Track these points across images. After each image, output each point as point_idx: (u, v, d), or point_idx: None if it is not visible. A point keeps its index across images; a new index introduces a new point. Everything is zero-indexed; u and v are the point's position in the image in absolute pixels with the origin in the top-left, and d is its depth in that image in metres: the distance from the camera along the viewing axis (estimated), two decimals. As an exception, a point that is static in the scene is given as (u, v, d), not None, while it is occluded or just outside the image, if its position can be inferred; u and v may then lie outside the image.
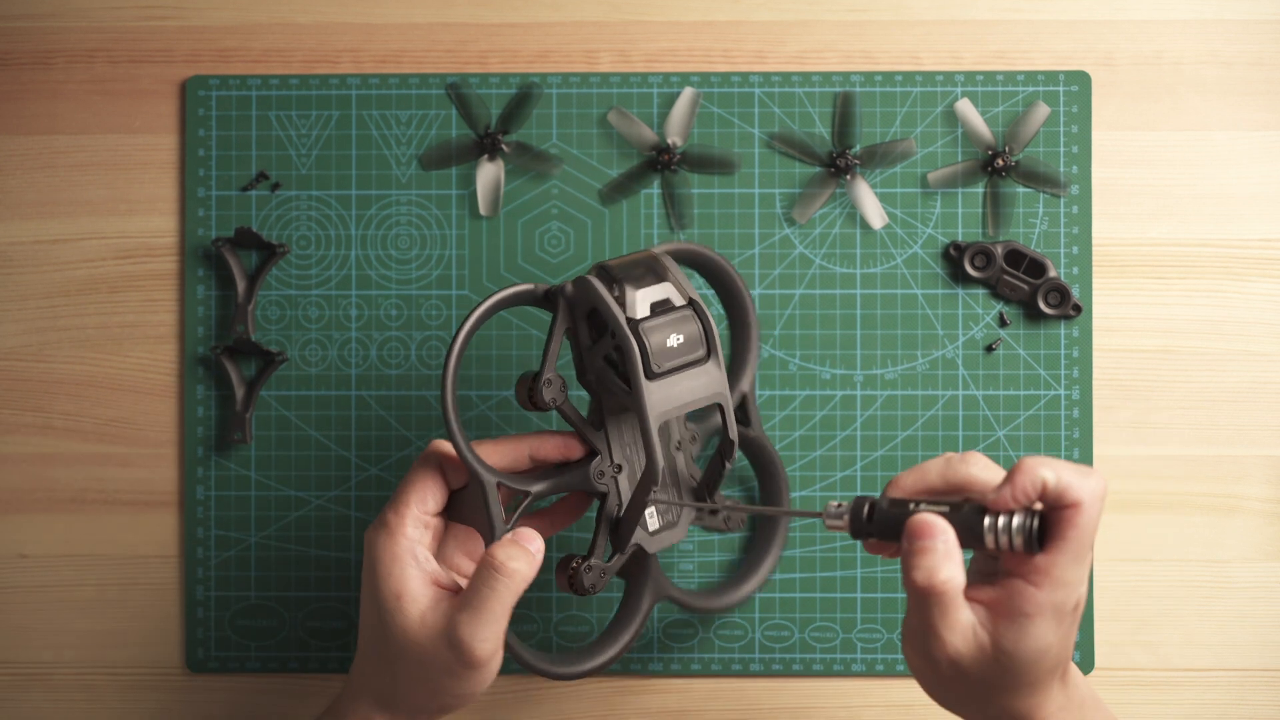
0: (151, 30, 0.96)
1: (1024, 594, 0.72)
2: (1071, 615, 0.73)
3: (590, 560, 0.84)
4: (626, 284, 0.82)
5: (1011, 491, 0.72)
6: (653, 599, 0.87)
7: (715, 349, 0.83)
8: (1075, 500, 0.72)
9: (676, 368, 0.82)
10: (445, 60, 0.95)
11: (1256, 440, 0.94)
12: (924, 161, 0.95)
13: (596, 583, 0.84)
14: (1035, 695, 0.75)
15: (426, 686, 0.80)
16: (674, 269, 0.83)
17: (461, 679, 0.80)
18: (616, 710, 0.95)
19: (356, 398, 0.95)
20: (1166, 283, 0.94)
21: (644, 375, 0.81)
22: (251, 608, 0.95)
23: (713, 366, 0.83)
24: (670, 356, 0.82)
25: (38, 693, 0.95)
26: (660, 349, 0.81)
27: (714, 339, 0.83)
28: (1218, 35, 0.95)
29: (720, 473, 0.86)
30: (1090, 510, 0.72)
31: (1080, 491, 0.72)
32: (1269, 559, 0.94)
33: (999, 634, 0.72)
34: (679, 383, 0.82)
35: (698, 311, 0.83)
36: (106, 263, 0.95)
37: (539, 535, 0.81)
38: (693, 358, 0.82)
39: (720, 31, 0.95)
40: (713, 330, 0.83)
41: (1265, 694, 0.94)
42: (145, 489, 0.95)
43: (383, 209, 0.95)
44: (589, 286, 0.81)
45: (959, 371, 0.94)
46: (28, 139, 0.96)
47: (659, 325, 0.82)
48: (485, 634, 0.79)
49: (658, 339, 0.81)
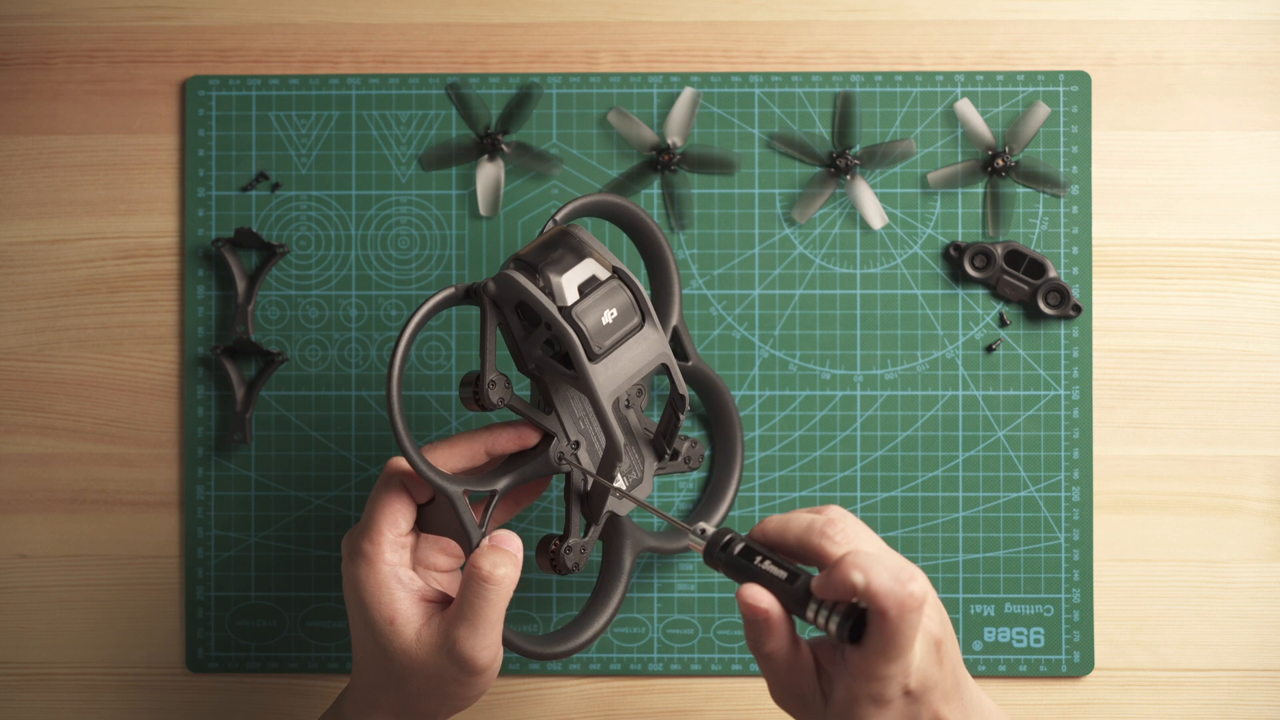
0: (151, 30, 0.96)
1: (842, 680, 0.73)
2: (903, 699, 0.73)
3: (569, 540, 0.84)
4: (549, 270, 0.81)
5: (830, 583, 0.72)
6: (633, 554, 0.87)
7: (648, 312, 0.82)
8: (880, 609, 0.71)
9: (615, 343, 0.81)
10: (445, 60, 0.95)
11: (1256, 440, 0.94)
12: (924, 161, 0.95)
13: (579, 561, 0.84)
14: None
15: (435, 696, 0.81)
16: (589, 240, 0.82)
17: (467, 685, 0.80)
18: (616, 710, 0.95)
19: (356, 398, 0.95)
20: (1166, 283, 0.94)
21: (587, 359, 0.80)
22: (251, 608, 0.95)
23: (649, 330, 0.82)
24: (608, 334, 0.81)
25: (38, 693, 0.95)
26: (597, 329, 0.81)
27: (645, 302, 0.82)
28: (1218, 35, 0.95)
29: (675, 424, 0.86)
30: (893, 620, 0.70)
31: (886, 600, 0.70)
32: (1269, 559, 0.94)
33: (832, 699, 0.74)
34: (621, 356, 0.81)
35: (624, 279, 0.82)
36: (106, 263, 0.95)
37: (516, 536, 0.81)
38: (629, 328, 0.82)
39: (720, 31, 0.95)
40: (642, 294, 0.82)
41: (1265, 694, 0.94)
42: (145, 489, 0.95)
43: (383, 209, 0.95)
44: (512, 282, 0.81)
45: (959, 372, 0.94)
46: (28, 139, 0.96)
47: (590, 306, 0.81)
48: (484, 643, 0.79)
49: (593, 320, 0.81)
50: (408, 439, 0.80)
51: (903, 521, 0.94)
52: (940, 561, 0.94)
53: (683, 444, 0.88)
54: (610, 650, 0.95)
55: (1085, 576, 0.94)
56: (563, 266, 0.81)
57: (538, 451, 0.84)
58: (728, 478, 0.93)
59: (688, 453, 0.89)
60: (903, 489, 0.94)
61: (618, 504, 0.86)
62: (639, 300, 0.82)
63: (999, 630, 0.94)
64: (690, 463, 0.89)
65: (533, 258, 0.81)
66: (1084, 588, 0.94)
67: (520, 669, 0.95)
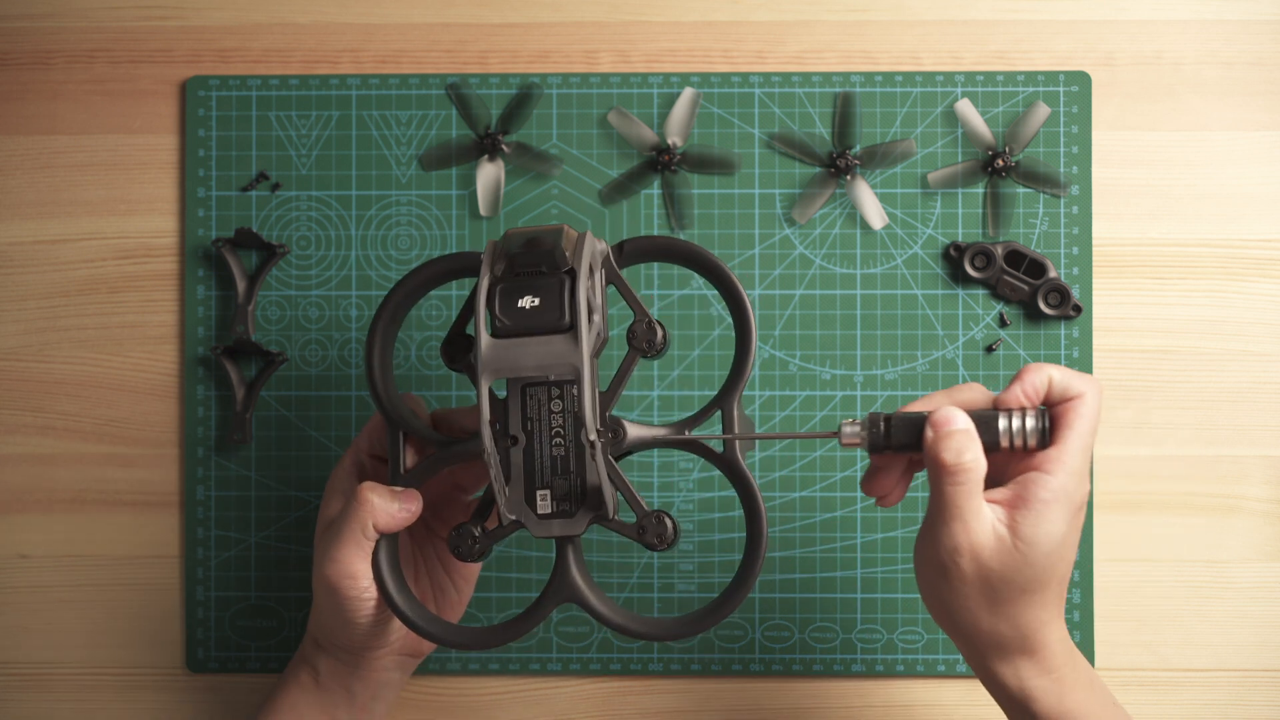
0: (151, 30, 0.96)
1: (1039, 482, 0.76)
2: (1078, 513, 0.77)
3: (463, 525, 0.81)
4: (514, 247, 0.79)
5: (1020, 390, 0.78)
6: (556, 600, 0.81)
7: (577, 322, 0.79)
8: (1079, 392, 0.77)
9: (526, 330, 0.79)
10: (445, 60, 0.95)
11: (1256, 440, 0.94)
12: (924, 162, 0.95)
13: (463, 549, 0.81)
14: (1045, 608, 0.77)
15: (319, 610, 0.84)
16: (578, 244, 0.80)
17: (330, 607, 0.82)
18: (616, 710, 0.95)
19: (356, 398, 0.95)
20: (1166, 283, 0.94)
21: (486, 330, 0.79)
22: (251, 608, 0.95)
23: (569, 340, 0.79)
24: (520, 318, 0.79)
25: (38, 693, 0.95)
26: (509, 308, 0.79)
27: (578, 312, 0.79)
28: (1218, 35, 0.95)
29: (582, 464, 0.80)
30: (1092, 400, 0.77)
31: (1083, 384, 0.78)
32: (1269, 559, 0.94)
33: (1017, 523, 0.76)
34: (527, 346, 0.79)
35: (570, 280, 0.79)
36: (106, 263, 0.95)
37: (419, 498, 0.82)
38: (546, 324, 0.79)
39: (720, 31, 0.95)
40: (578, 301, 0.79)
41: (1265, 694, 0.94)
42: (145, 489, 0.95)
43: (383, 209, 0.95)
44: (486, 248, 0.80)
45: (959, 372, 0.94)
46: (28, 139, 0.96)
47: (515, 287, 0.79)
48: (334, 555, 0.81)
49: (509, 299, 0.79)
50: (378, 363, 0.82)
51: (903, 522, 0.94)
52: (940, 561, 0.94)
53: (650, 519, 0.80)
54: (610, 650, 0.95)
55: (1085, 576, 0.94)
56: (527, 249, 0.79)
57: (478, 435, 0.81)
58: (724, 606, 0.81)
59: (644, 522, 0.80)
60: (903, 489, 0.94)
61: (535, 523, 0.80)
62: (572, 306, 0.79)
63: (999, 630, 0.94)
64: (645, 537, 0.80)
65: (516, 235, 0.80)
66: (1084, 588, 0.94)
67: (520, 669, 0.95)
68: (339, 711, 0.85)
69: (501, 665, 0.95)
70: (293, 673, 0.86)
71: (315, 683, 0.85)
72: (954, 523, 0.76)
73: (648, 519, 0.80)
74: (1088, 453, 0.77)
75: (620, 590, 0.94)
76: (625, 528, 0.80)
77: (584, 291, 0.79)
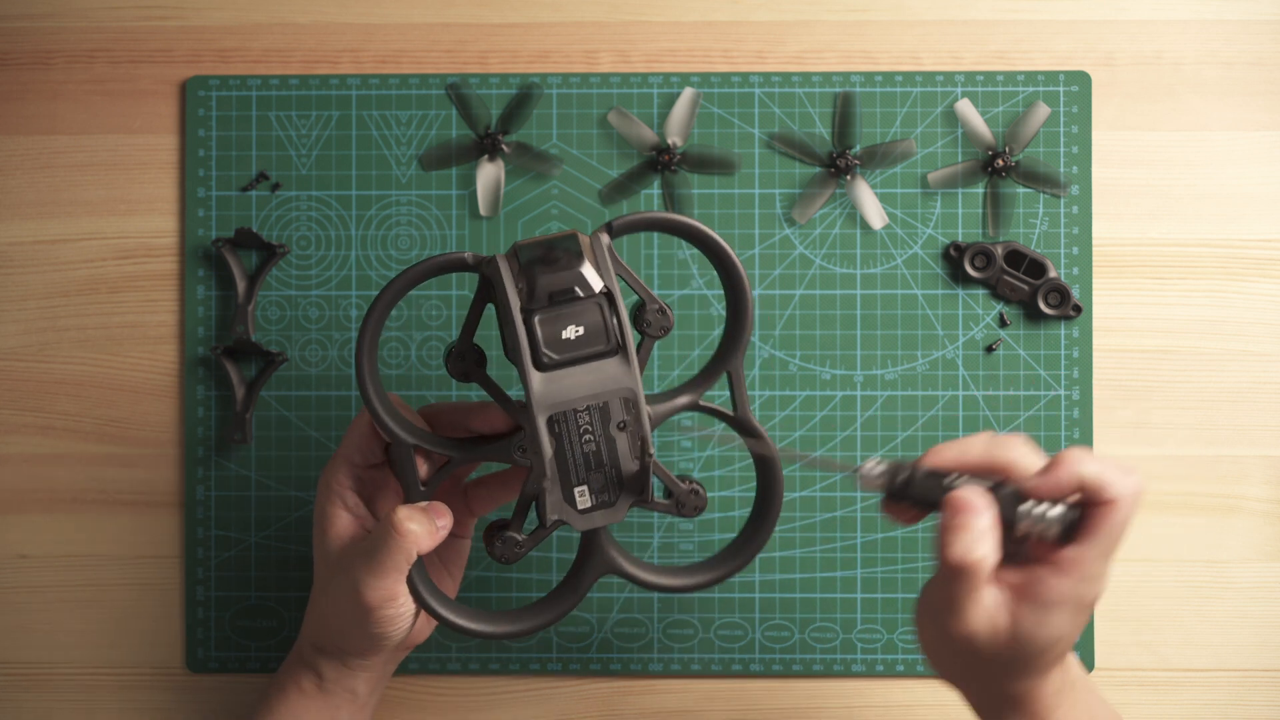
0: (151, 30, 0.96)
1: (1049, 583, 0.73)
2: (1086, 611, 0.74)
3: (507, 531, 0.83)
4: (537, 268, 0.79)
5: (1052, 480, 0.74)
6: (596, 574, 0.84)
7: (624, 344, 0.80)
8: (1112, 498, 0.73)
9: (572, 360, 0.79)
10: (445, 60, 0.95)
11: (1256, 440, 0.94)
12: (924, 162, 0.95)
13: (511, 555, 0.83)
14: (1038, 679, 0.76)
15: (339, 622, 0.82)
16: (597, 254, 0.80)
17: (360, 622, 0.81)
18: (616, 710, 0.95)
19: (356, 398, 0.95)
20: (1166, 283, 0.95)
21: (532, 365, 0.79)
22: (251, 608, 0.95)
23: (619, 362, 0.80)
24: (565, 349, 0.79)
25: (38, 693, 0.95)
26: (554, 340, 0.79)
27: (623, 334, 0.80)
28: (1218, 35, 0.95)
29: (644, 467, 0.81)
30: (1125, 509, 0.73)
31: (1119, 489, 0.73)
32: (1269, 559, 0.94)
33: (1019, 618, 0.73)
34: (574, 375, 0.80)
35: (608, 303, 0.80)
36: (106, 263, 0.95)
37: (449, 512, 0.82)
38: (594, 350, 0.80)
39: (720, 31, 0.95)
40: (624, 323, 0.80)
41: (1265, 694, 0.94)
42: (145, 489, 0.95)
43: (383, 209, 0.95)
44: (495, 269, 0.80)
45: (959, 372, 0.94)
46: (28, 139, 0.96)
47: (555, 316, 0.79)
48: (372, 582, 0.80)
49: (551, 330, 0.79)
50: (371, 384, 0.81)
51: (903, 521, 0.94)
52: (940, 561, 0.94)
53: (684, 485, 0.84)
54: (610, 650, 0.95)
55: (1085, 576, 0.94)
56: (552, 269, 0.79)
57: (504, 438, 0.83)
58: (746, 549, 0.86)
59: (683, 498, 0.84)
60: (903, 489, 0.94)
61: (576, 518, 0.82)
62: (620, 328, 0.80)
63: (999, 630, 0.94)
64: (683, 509, 0.84)
65: (530, 251, 0.80)
66: (1084, 588, 0.94)
67: (520, 669, 0.95)
68: (340, 712, 0.85)
69: (502, 665, 0.95)
70: (290, 677, 0.85)
71: (318, 688, 0.85)
72: (951, 611, 0.74)
73: (685, 495, 0.84)
74: (1109, 558, 0.74)
75: (620, 590, 0.95)
76: (662, 505, 0.83)
77: (623, 310, 0.80)
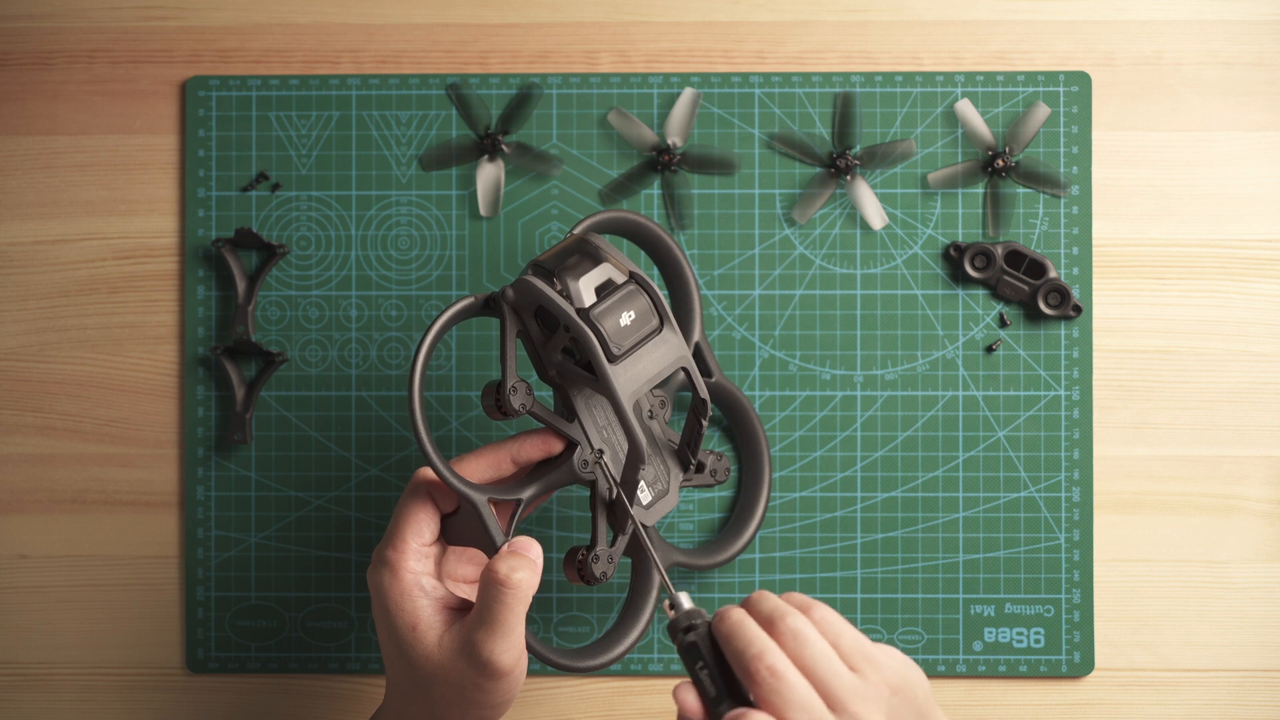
0: (151, 30, 0.96)
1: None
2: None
3: (595, 549, 0.84)
4: (566, 275, 0.82)
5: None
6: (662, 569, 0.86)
7: (666, 315, 0.84)
8: None
9: (635, 344, 0.82)
10: (445, 60, 0.95)
11: (1256, 440, 0.94)
12: (924, 162, 0.95)
13: (606, 570, 0.85)
14: None
15: (460, 705, 0.81)
16: (606, 246, 0.84)
17: (490, 691, 0.80)
18: (616, 710, 0.95)
19: (356, 398, 0.95)
20: (1166, 283, 0.95)
21: (606, 360, 0.81)
22: (251, 608, 0.95)
23: (669, 334, 0.84)
24: (627, 335, 0.82)
25: (38, 693, 0.96)
26: (616, 331, 0.82)
27: (663, 306, 0.83)
28: (1218, 35, 0.95)
29: (699, 431, 0.86)
30: None
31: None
32: (1269, 559, 0.94)
33: None
34: (641, 359, 0.82)
35: (641, 284, 0.83)
36: (106, 263, 0.95)
37: (535, 542, 0.81)
38: (648, 330, 0.83)
39: (720, 32, 0.95)
40: (659, 298, 0.83)
41: (1265, 694, 0.94)
42: (145, 489, 0.95)
43: (383, 209, 0.95)
44: (530, 287, 0.82)
45: (959, 372, 0.94)
46: (28, 139, 0.96)
47: (609, 308, 0.82)
48: (503, 646, 0.79)
49: (611, 322, 0.82)
50: (432, 448, 0.81)
51: (903, 522, 0.94)
52: (940, 561, 0.94)
53: (708, 457, 0.89)
54: (610, 650, 0.95)
55: (1085, 577, 0.94)
56: (580, 271, 0.82)
57: (562, 460, 0.84)
58: (755, 497, 0.93)
59: (713, 466, 0.90)
60: (903, 489, 0.94)
61: (644, 514, 0.86)
62: (657, 304, 0.83)
63: (999, 631, 0.94)
64: (716, 476, 0.90)
65: (550, 264, 0.82)
66: (1084, 588, 0.94)
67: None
68: None
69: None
70: None
71: None
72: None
73: (716, 463, 0.90)
74: None
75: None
76: (701, 479, 0.89)
77: (654, 285, 0.84)
